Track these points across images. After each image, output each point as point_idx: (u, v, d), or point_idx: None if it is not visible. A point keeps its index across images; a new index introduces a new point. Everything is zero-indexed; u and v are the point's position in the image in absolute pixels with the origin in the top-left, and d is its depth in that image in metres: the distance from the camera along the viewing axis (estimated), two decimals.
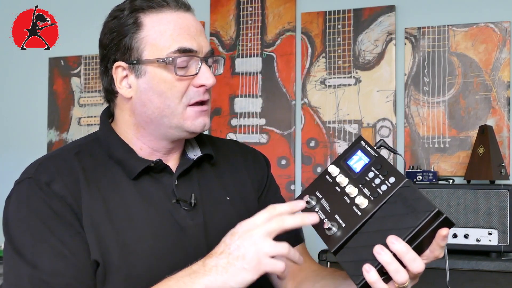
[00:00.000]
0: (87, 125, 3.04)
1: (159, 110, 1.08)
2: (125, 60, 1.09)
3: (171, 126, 1.09)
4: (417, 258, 0.88)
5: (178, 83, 1.07)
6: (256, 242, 0.92)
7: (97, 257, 1.02)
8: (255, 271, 0.91)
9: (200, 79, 1.08)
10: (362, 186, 0.97)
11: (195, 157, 1.18)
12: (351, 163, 1.01)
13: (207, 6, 2.85)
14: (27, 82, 3.15)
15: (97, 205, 1.05)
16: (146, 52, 1.07)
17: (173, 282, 0.94)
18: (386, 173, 0.96)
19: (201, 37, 1.10)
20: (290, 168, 2.71)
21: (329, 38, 2.68)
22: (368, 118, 2.61)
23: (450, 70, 2.52)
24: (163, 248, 1.06)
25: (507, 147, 2.43)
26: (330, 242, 0.95)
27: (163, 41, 1.06)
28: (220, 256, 0.94)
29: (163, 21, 1.07)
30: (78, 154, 1.10)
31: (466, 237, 2.14)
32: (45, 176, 1.05)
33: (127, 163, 1.10)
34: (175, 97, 1.07)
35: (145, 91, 1.08)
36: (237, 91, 2.81)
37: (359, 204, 0.95)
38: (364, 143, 1.02)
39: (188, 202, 1.11)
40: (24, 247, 1.01)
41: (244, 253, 0.91)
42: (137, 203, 1.08)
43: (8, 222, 1.05)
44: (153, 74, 1.07)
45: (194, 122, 1.09)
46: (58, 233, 1.02)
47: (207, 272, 0.93)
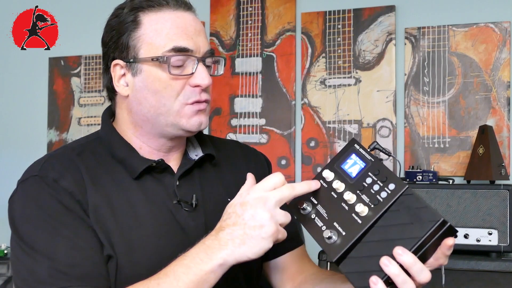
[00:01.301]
0: (87, 125, 3.04)
1: (154, 109, 1.08)
2: (123, 58, 1.09)
3: (167, 124, 1.09)
4: (424, 268, 0.88)
5: (173, 82, 1.07)
6: (270, 209, 0.91)
7: (109, 252, 1.02)
8: (272, 239, 0.91)
9: (196, 79, 1.07)
10: (360, 193, 0.95)
11: (196, 157, 1.17)
12: (345, 167, 0.98)
13: (207, 6, 2.85)
14: (27, 82, 3.14)
15: (102, 203, 1.05)
16: (143, 50, 1.07)
17: (189, 260, 0.93)
18: (385, 179, 0.94)
19: (200, 37, 1.09)
20: (290, 168, 2.71)
21: (329, 38, 2.68)
22: (368, 118, 2.61)
23: (450, 70, 2.52)
24: (166, 248, 1.06)
25: (507, 147, 2.43)
26: (331, 251, 0.93)
27: (159, 40, 1.07)
28: (234, 227, 0.92)
29: (160, 20, 1.07)
30: (80, 154, 1.10)
31: (466, 237, 2.14)
32: (52, 173, 1.05)
33: (129, 162, 1.10)
34: (170, 95, 1.07)
35: (141, 90, 1.09)
36: (237, 91, 2.81)
37: (359, 212, 0.93)
38: (358, 146, 0.99)
39: (189, 203, 1.11)
40: (38, 242, 1.00)
41: (260, 221, 0.90)
42: (141, 202, 1.08)
43: (16, 220, 1.04)
44: (148, 73, 1.07)
45: (190, 121, 1.08)
46: (71, 226, 1.01)
47: (223, 246, 0.91)
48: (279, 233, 0.92)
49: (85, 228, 1.02)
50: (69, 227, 1.01)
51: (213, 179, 1.19)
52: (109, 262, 1.02)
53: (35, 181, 1.05)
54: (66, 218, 1.02)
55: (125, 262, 1.03)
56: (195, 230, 1.10)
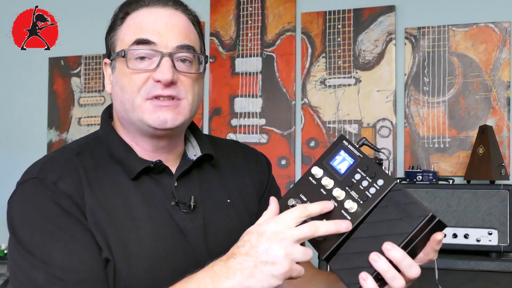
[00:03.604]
0: (87, 125, 3.04)
1: (122, 104, 1.09)
2: (109, 57, 1.14)
3: (136, 121, 1.08)
4: (413, 264, 0.87)
5: (134, 76, 1.07)
6: (287, 247, 0.87)
7: (107, 255, 1.01)
8: (283, 277, 0.88)
9: (156, 74, 1.05)
10: (349, 189, 0.94)
11: (195, 158, 1.16)
12: (334, 163, 0.97)
13: (207, 6, 2.85)
14: (27, 82, 3.14)
15: (99, 205, 1.04)
16: (117, 47, 1.10)
17: (194, 284, 0.91)
18: (374, 175, 0.93)
19: (171, 32, 1.07)
20: (290, 168, 2.71)
21: (329, 38, 2.68)
22: (368, 118, 2.61)
23: (450, 70, 2.52)
24: (164, 250, 1.05)
25: (507, 147, 2.43)
26: (321, 248, 0.92)
27: (128, 35, 1.08)
28: (246, 258, 0.89)
29: (135, 17, 1.10)
30: (79, 155, 1.10)
31: (466, 237, 2.14)
32: (51, 175, 1.04)
33: (127, 162, 1.10)
34: (132, 90, 1.07)
35: (114, 86, 1.11)
36: (237, 91, 2.81)
37: (348, 208, 0.92)
38: (347, 142, 0.98)
39: (187, 205, 1.10)
40: (35, 246, 0.99)
41: (274, 258, 0.87)
42: (138, 204, 1.07)
43: (14, 223, 1.03)
44: (118, 69, 1.10)
45: (152, 116, 1.06)
46: (69, 230, 1.00)
47: (231, 275, 0.89)
48: (293, 272, 0.89)
49: (83, 231, 1.01)
50: (67, 231, 1.00)
51: (212, 179, 1.18)
52: (107, 266, 1.02)
53: (34, 183, 1.04)
54: (65, 221, 1.01)
55: (122, 265, 1.02)
56: (193, 232, 1.09)
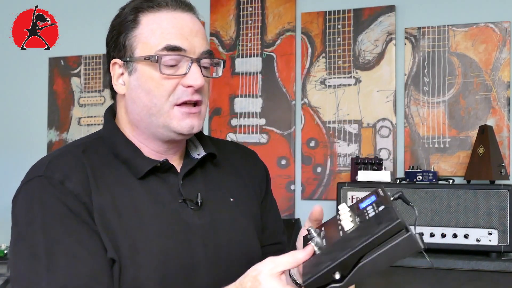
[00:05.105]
0: (87, 125, 3.04)
1: (147, 108, 1.08)
2: (121, 57, 1.11)
3: (159, 125, 1.09)
4: None
5: (165, 81, 1.07)
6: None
7: (113, 255, 1.01)
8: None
9: (188, 79, 1.07)
10: (356, 216, 0.95)
11: (199, 157, 1.18)
12: (362, 205, 0.99)
13: (207, 6, 2.85)
14: (27, 82, 3.14)
15: (106, 204, 1.04)
16: (138, 49, 1.09)
17: None
18: (382, 205, 0.93)
19: (196, 38, 1.10)
20: (290, 168, 2.71)
21: (329, 38, 2.68)
22: (368, 118, 2.61)
23: (450, 70, 2.52)
24: (171, 248, 1.06)
25: (507, 147, 2.43)
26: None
27: (154, 39, 1.08)
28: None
29: (157, 20, 1.09)
30: (85, 152, 1.10)
31: (466, 237, 2.14)
32: (58, 174, 1.04)
33: (133, 162, 1.10)
34: (162, 95, 1.07)
35: (135, 89, 1.10)
36: (237, 91, 2.81)
37: (344, 226, 0.94)
38: (381, 191, 0.99)
39: (194, 202, 1.11)
40: (39, 248, 0.99)
41: None
42: (145, 202, 1.08)
43: (19, 222, 1.03)
44: (142, 72, 1.08)
45: (181, 123, 1.08)
46: (74, 232, 1.00)
47: None
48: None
49: (89, 233, 1.01)
50: (72, 234, 1.00)
51: (215, 178, 1.19)
52: (113, 266, 1.02)
53: (40, 182, 1.03)
54: (70, 222, 1.01)
55: (129, 264, 1.02)
56: (202, 229, 1.10)
